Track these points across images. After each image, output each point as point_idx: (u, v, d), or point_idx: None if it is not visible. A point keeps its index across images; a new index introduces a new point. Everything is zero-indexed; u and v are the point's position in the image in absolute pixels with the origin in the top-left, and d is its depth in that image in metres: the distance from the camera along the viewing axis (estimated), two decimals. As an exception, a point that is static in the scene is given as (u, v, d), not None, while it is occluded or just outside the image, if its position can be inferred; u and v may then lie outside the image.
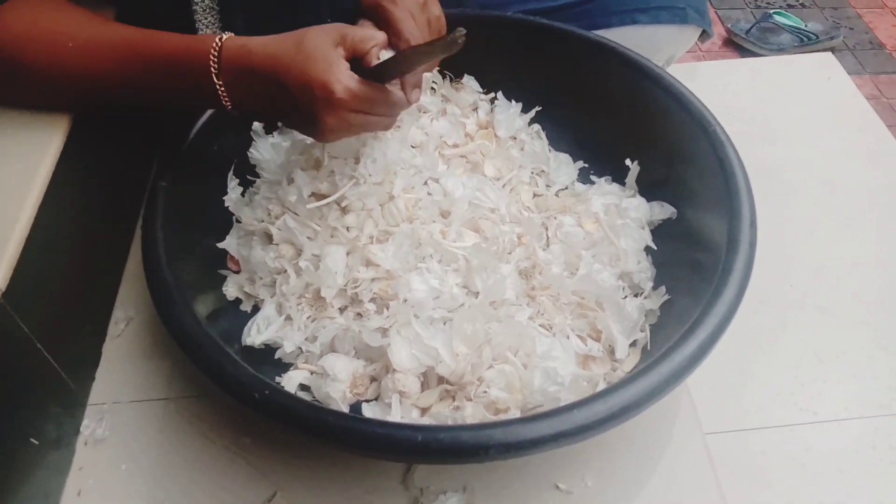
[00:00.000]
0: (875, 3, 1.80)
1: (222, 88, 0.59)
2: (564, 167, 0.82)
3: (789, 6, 1.79)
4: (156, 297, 0.59)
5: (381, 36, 0.61)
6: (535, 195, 0.80)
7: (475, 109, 0.84)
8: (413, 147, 0.75)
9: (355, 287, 0.66)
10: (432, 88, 0.83)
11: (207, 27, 0.72)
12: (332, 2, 0.79)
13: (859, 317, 0.80)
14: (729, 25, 1.66)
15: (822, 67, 1.13)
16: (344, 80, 0.56)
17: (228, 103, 0.60)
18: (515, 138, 0.83)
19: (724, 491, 0.64)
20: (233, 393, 0.53)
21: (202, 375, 0.55)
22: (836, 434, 0.71)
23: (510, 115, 0.83)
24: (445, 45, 0.55)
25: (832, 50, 1.54)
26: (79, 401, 0.68)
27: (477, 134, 0.82)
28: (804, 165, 0.97)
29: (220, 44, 0.58)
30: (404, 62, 0.59)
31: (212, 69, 0.58)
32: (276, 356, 0.67)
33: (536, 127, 0.85)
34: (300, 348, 0.66)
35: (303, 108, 0.57)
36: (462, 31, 0.53)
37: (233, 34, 0.60)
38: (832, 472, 0.68)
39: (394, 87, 0.61)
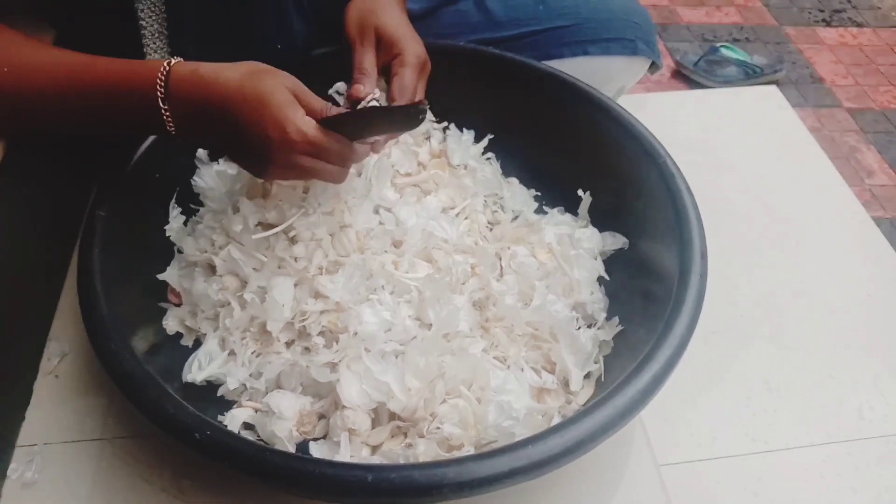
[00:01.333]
0: (814, 40, 1.87)
1: (167, 114, 0.57)
2: (519, 195, 0.81)
3: (735, 40, 1.84)
4: (91, 332, 0.56)
5: (327, 107, 0.59)
6: (489, 224, 0.79)
7: (428, 138, 0.84)
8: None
9: (303, 320, 0.64)
10: None
11: (156, 52, 0.70)
12: (283, 32, 0.78)
13: (806, 345, 0.81)
14: (677, 58, 1.69)
15: (767, 99, 1.16)
16: (299, 121, 0.55)
17: (172, 129, 0.58)
18: (467, 167, 0.83)
19: (680, 523, 0.63)
20: (172, 433, 0.50)
21: (140, 414, 0.52)
22: (786, 463, 0.71)
23: (463, 144, 0.82)
24: (407, 117, 0.56)
25: (776, 83, 1.59)
26: (7, 441, 0.64)
27: (430, 163, 0.81)
28: (750, 195, 0.99)
29: (167, 68, 0.56)
30: (363, 121, 0.59)
31: (158, 93, 0.56)
32: (219, 393, 0.64)
33: (490, 155, 0.85)
34: (244, 385, 0.64)
35: (252, 144, 0.56)
36: (425, 107, 0.54)
37: (182, 59, 0.58)
38: (784, 500, 0.68)
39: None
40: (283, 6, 0.76)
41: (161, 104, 0.56)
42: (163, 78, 0.56)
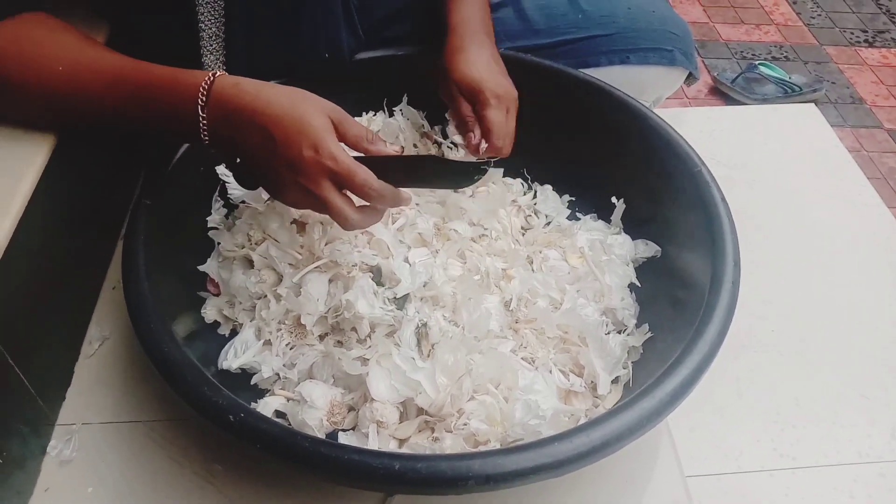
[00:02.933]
0: (855, 60, 1.85)
1: (204, 122, 0.58)
2: (552, 200, 0.82)
3: (774, 58, 1.83)
4: (133, 312, 0.58)
5: (370, 135, 0.60)
6: (522, 228, 0.80)
7: (514, 201, 0.84)
8: None
9: (336, 315, 0.65)
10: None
11: (211, 53, 0.72)
12: (331, 43, 0.80)
13: (838, 363, 0.80)
14: (715, 74, 1.69)
15: (805, 117, 1.15)
16: (333, 147, 0.56)
17: (207, 138, 0.59)
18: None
19: (704, 534, 0.63)
20: (207, 415, 0.51)
21: (176, 398, 0.53)
22: (814, 481, 0.70)
23: (551, 202, 0.84)
24: (462, 174, 0.56)
25: (815, 102, 1.58)
26: (47, 420, 0.66)
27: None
28: (785, 210, 0.98)
29: (212, 78, 0.58)
30: (413, 166, 0.59)
31: (199, 101, 0.57)
32: (253, 382, 0.66)
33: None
34: (277, 374, 0.65)
35: (282, 161, 0.56)
36: (487, 168, 0.55)
37: (226, 73, 0.60)
38: None
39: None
40: (334, 20, 0.78)
41: (200, 111, 0.58)
42: (206, 87, 0.58)
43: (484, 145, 0.69)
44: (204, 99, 0.58)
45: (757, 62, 1.67)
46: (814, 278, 0.89)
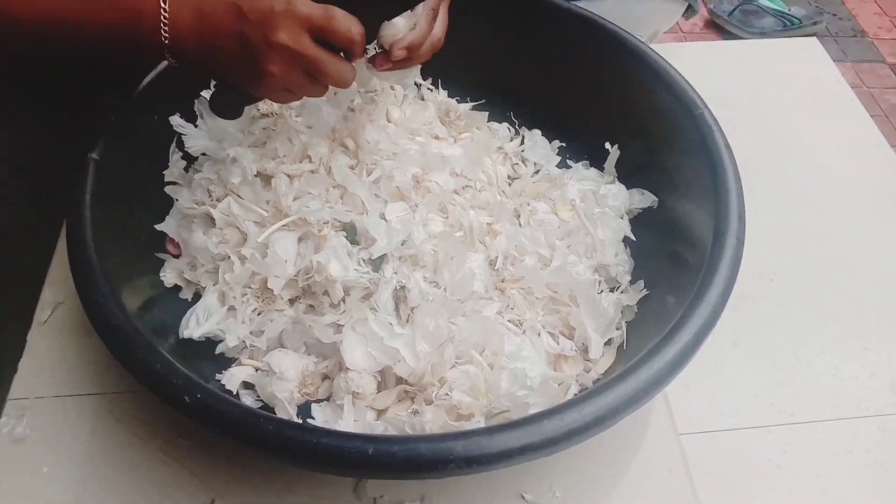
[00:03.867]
0: (857, -10, 1.78)
1: (166, 16, 0.53)
2: (541, 147, 0.77)
3: (772, -11, 1.76)
4: (78, 283, 0.53)
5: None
6: (508, 178, 0.75)
7: (500, 148, 0.79)
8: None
9: (307, 278, 0.60)
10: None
11: None
12: None
13: (840, 313, 0.78)
14: (711, 6, 1.62)
15: (805, 52, 1.10)
16: (300, 5, 0.53)
17: (167, 35, 0.54)
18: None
19: (699, 493, 0.61)
20: (160, 394, 0.47)
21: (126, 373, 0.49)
22: (813, 436, 0.69)
23: (540, 147, 0.79)
24: None
25: (815, 35, 1.51)
26: (-3, 395, 0.62)
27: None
28: (787, 155, 0.94)
29: None
30: None
31: None
32: (218, 350, 0.61)
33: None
34: (244, 342, 0.61)
35: (251, 30, 0.53)
36: None
37: None
38: (809, 475, 0.66)
39: None
40: None
41: (162, 3, 0.53)
42: None
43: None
44: None
45: (755, -7, 1.60)
46: (814, 225, 0.86)
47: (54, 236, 0.73)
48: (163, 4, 0.53)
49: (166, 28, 0.54)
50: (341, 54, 0.56)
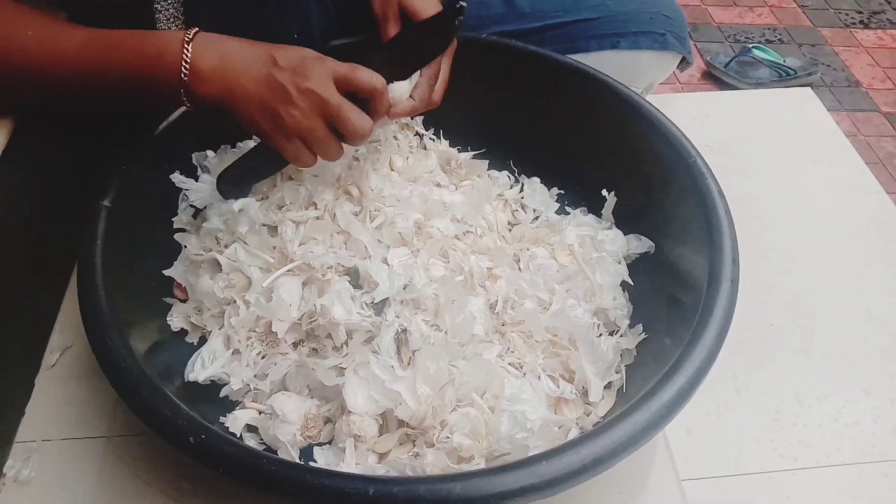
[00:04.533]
0: (850, 42, 1.81)
1: (188, 53, 0.56)
2: (540, 194, 0.78)
3: (768, 41, 1.79)
4: (87, 325, 0.54)
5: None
6: (508, 224, 0.77)
7: (500, 195, 0.81)
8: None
9: (311, 321, 0.61)
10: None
11: None
12: (300, 22, 0.76)
13: (840, 357, 0.78)
14: (708, 58, 1.66)
15: (801, 101, 1.12)
16: (328, 60, 0.57)
17: (187, 74, 0.56)
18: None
19: (702, 542, 0.60)
20: (165, 435, 0.48)
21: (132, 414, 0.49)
22: (817, 482, 0.68)
23: (539, 195, 0.81)
24: (443, 25, 0.54)
25: (810, 85, 1.54)
26: (4, 438, 0.62)
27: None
28: (782, 199, 0.95)
29: (191, 35, 0.57)
30: (396, 54, 0.57)
31: (184, 37, 0.57)
32: (223, 394, 0.62)
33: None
34: (248, 386, 0.61)
35: (280, 74, 0.56)
36: (463, 3, 0.51)
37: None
38: None
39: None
40: None
41: (185, 38, 0.56)
42: (189, 37, 0.57)
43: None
44: (190, 35, 0.57)
45: (751, 45, 1.63)
46: (814, 269, 0.86)
47: (64, 281, 0.74)
48: (186, 46, 0.56)
49: (186, 67, 0.56)
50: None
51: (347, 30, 0.80)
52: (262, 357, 0.62)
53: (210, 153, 0.72)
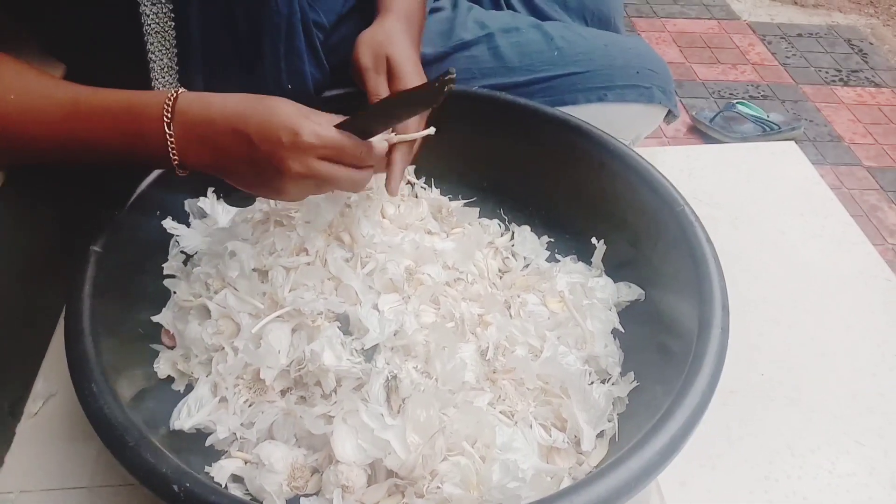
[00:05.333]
0: (832, 99, 1.86)
1: (172, 140, 0.56)
2: (530, 242, 0.79)
3: (751, 97, 1.84)
4: (72, 371, 0.53)
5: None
6: (499, 271, 0.77)
7: (491, 243, 0.82)
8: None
9: (300, 368, 0.60)
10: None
11: (164, 87, 0.70)
12: (294, 75, 0.77)
13: (831, 408, 0.77)
14: (693, 113, 1.69)
15: (785, 155, 1.14)
16: (313, 123, 0.54)
17: (176, 158, 0.57)
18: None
19: None
20: (149, 484, 0.47)
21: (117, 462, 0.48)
22: (814, 535, 0.66)
23: (529, 243, 0.81)
24: (431, 93, 0.52)
25: (794, 140, 1.58)
26: (-19, 489, 0.61)
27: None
28: (770, 251, 0.96)
29: (175, 94, 0.56)
30: (384, 110, 0.57)
31: (164, 118, 0.55)
32: (208, 443, 0.61)
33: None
34: (235, 434, 0.60)
35: (264, 157, 0.54)
36: (452, 74, 0.50)
37: (186, 90, 0.57)
38: None
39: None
40: (296, 50, 0.76)
41: (167, 129, 0.55)
42: (169, 104, 0.56)
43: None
44: (169, 116, 0.55)
45: (735, 101, 1.67)
46: (803, 320, 0.86)
47: (50, 329, 0.74)
48: (168, 130, 0.56)
49: (174, 152, 0.56)
50: None
51: (341, 83, 0.82)
52: (250, 405, 0.61)
53: (203, 199, 0.73)
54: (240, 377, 0.62)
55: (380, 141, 0.61)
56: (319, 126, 0.55)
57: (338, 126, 0.56)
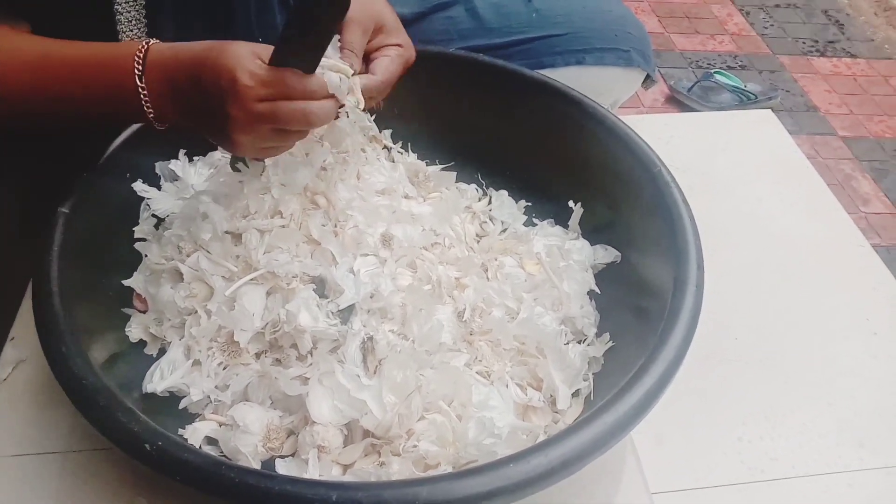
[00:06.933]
0: (808, 69, 1.87)
1: (145, 94, 0.55)
2: (507, 206, 0.79)
3: (729, 67, 1.84)
4: (43, 336, 0.52)
5: None
6: (476, 235, 0.76)
7: (468, 207, 0.81)
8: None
9: (275, 331, 0.60)
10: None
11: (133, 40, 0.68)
12: (265, 24, 0.76)
13: (804, 372, 0.78)
14: (671, 83, 1.69)
15: (762, 124, 1.14)
16: (248, 64, 0.51)
17: (150, 111, 0.56)
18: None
19: (672, 554, 0.60)
20: (121, 444, 0.46)
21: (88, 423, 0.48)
22: (784, 494, 0.68)
23: (507, 207, 0.80)
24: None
25: (771, 109, 1.58)
26: (-50, 455, 0.60)
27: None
28: (746, 218, 0.96)
29: (146, 46, 0.55)
30: (294, 37, 0.52)
31: (135, 70, 0.54)
32: (182, 406, 0.60)
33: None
34: (209, 397, 0.59)
35: (213, 105, 0.52)
36: None
37: (158, 41, 0.56)
38: None
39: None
40: (267, 2, 0.74)
41: (138, 82, 0.54)
42: (141, 55, 0.54)
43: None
44: (140, 68, 0.54)
45: (713, 71, 1.67)
46: (778, 286, 0.87)
47: (19, 295, 0.72)
48: (139, 83, 0.54)
49: (148, 105, 0.55)
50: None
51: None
52: (224, 368, 0.61)
53: (175, 162, 0.71)
54: (213, 339, 0.61)
55: (328, 72, 0.57)
56: (256, 66, 0.52)
57: (271, 63, 0.53)
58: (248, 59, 0.52)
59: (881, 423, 0.74)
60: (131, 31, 0.66)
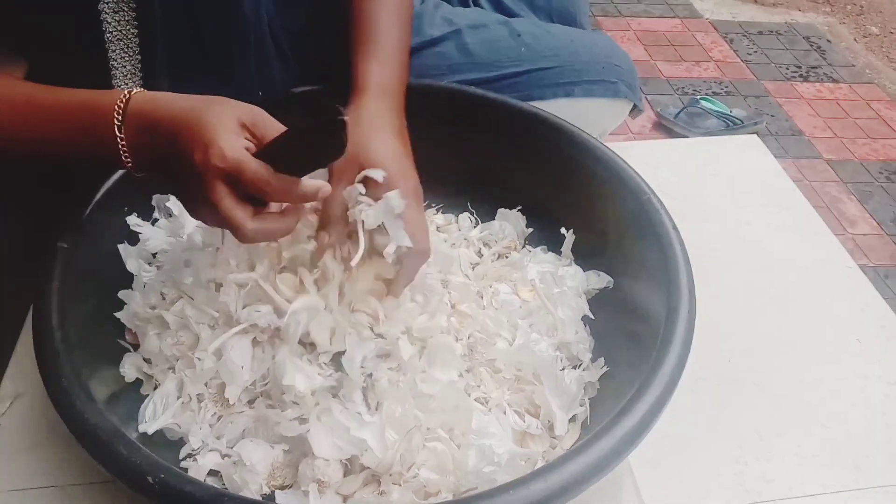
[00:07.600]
0: (792, 94, 1.90)
1: (123, 144, 0.54)
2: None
3: (714, 93, 1.88)
4: (44, 370, 0.53)
5: None
6: (471, 263, 0.77)
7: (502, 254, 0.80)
8: None
9: (265, 384, 0.59)
10: None
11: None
12: (265, 79, 0.77)
13: (796, 394, 0.78)
14: (658, 110, 1.72)
15: (749, 148, 1.16)
16: (224, 144, 0.49)
17: (129, 162, 0.55)
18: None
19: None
20: (124, 477, 0.46)
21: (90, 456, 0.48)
22: (782, 515, 0.68)
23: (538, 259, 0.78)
24: (326, 135, 0.47)
25: (756, 134, 1.61)
26: (-54, 493, 0.60)
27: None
28: (735, 241, 0.97)
29: (127, 96, 0.54)
30: (280, 146, 0.51)
31: (115, 121, 0.53)
32: (182, 455, 0.59)
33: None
34: (206, 443, 0.59)
35: (182, 170, 0.51)
36: (342, 118, 0.45)
37: (144, 90, 0.56)
38: None
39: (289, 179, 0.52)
40: (266, 55, 0.75)
41: (117, 132, 0.54)
42: (121, 105, 0.54)
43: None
44: (120, 118, 0.54)
45: (698, 97, 1.70)
46: (769, 308, 0.88)
47: (16, 330, 0.72)
48: (118, 133, 0.54)
49: (126, 154, 0.55)
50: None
51: (308, 80, 0.81)
52: (218, 418, 0.60)
53: (172, 198, 0.72)
54: (206, 384, 0.60)
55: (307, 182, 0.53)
56: (231, 148, 0.49)
57: (257, 154, 0.51)
58: (227, 135, 0.50)
59: (874, 443, 0.74)
60: (126, 83, 0.67)
